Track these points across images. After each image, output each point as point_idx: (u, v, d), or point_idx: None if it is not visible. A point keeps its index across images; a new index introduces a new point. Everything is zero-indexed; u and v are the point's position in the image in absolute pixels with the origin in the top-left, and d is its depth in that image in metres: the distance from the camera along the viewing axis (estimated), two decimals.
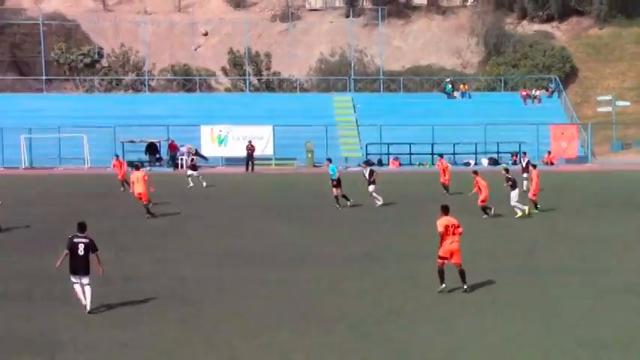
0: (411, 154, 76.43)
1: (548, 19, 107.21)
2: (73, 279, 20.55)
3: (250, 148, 72.09)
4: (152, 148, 75.51)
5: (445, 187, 48.87)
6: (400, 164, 75.78)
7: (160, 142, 76.17)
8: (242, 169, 70.64)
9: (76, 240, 20.55)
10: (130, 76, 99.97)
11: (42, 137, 74.43)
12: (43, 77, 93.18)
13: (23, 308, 21.22)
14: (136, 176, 39.93)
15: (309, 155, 74.79)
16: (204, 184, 53.43)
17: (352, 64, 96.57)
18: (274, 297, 22.41)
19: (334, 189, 42.29)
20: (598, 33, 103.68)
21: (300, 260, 27.83)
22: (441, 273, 22.33)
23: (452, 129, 77.68)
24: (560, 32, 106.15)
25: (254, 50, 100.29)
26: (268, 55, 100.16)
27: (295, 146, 75.26)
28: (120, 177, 52.06)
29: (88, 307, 20.51)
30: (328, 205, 41.83)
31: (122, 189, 50.65)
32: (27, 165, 73.07)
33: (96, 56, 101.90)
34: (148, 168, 72.77)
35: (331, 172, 42.79)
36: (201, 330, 19.01)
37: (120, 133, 75.80)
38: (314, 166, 73.60)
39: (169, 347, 17.70)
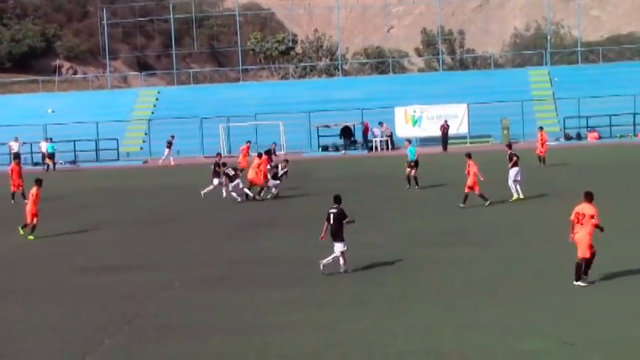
0: (611, 126, 73.76)
1: None
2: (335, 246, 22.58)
3: (445, 127, 71.74)
4: (347, 132, 75.94)
5: (541, 158, 49.48)
6: (599, 137, 73.25)
7: (354, 126, 76.52)
8: (438, 148, 70.22)
9: (330, 210, 22.70)
10: (324, 62, 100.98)
11: (239, 126, 76.20)
12: (240, 67, 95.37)
13: (227, 293, 21.53)
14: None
15: (505, 132, 73.37)
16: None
17: (548, 37, 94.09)
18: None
19: (408, 169, 41.54)
20: None
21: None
22: (578, 267, 20.07)
23: None
24: None
25: (447, 28, 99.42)
26: (462, 33, 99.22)
27: (491, 123, 74.04)
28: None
29: (342, 270, 22.58)
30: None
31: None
32: (226, 153, 74.93)
33: (290, 43, 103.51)
34: (343, 152, 73.58)
35: (409, 154, 41.96)
36: (399, 312, 18.77)
37: (314, 118, 76.65)
38: (510, 142, 72.08)
39: (367, 329, 17.48)
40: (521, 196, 35.73)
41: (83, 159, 75.44)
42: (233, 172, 40.15)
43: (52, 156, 70.46)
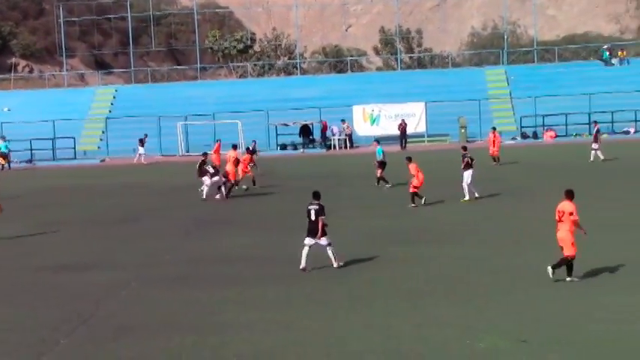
0: (567, 125, 74.44)
1: None
2: (306, 241, 22.64)
3: (403, 126, 72.07)
4: (305, 130, 75.99)
5: (495, 158, 50.35)
6: (555, 136, 73.91)
7: (312, 124, 76.59)
8: (396, 147, 70.35)
9: (309, 207, 22.81)
10: (282, 60, 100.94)
11: (197, 124, 75.98)
12: (198, 65, 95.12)
13: (184, 291, 21.46)
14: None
15: (462, 131, 73.80)
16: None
17: (505, 37, 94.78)
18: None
19: (378, 170, 41.68)
20: None
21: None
22: (563, 262, 20.22)
23: (610, 97, 75.34)
24: None
25: (405, 27, 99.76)
26: (419, 32, 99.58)
27: (448, 122, 74.43)
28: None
29: (335, 264, 22.75)
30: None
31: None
32: (184, 152, 74.65)
33: (248, 42, 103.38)
34: (302, 150, 73.60)
35: (378, 154, 42.07)
36: (358, 311, 18.81)
37: (273, 116, 76.63)
38: (467, 141, 72.56)
39: (325, 328, 17.48)
40: (477, 195, 35.96)
41: (39, 158, 74.81)
42: (213, 170, 40.12)
43: (5, 155, 69.76)
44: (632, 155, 52.93)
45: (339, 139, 74.42)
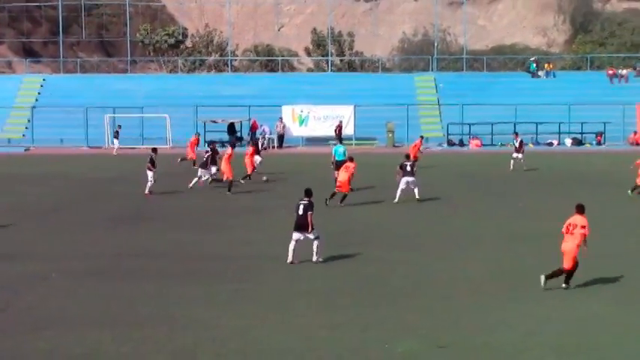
0: (492, 134, 75.47)
1: None
2: (294, 236, 23.54)
3: (339, 128, 72.70)
4: (231, 128, 75.88)
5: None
6: (481, 144, 74.89)
7: (240, 122, 76.50)
8: (324, 148, 70.65)
9: (299, 202, 23.84)
10: (214, 57, 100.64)
11: (125, 117, 75.39)
12: (128, 58, 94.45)
13: (105, 285, 21.43)
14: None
15: (390, 135, 74.46)
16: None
17: (435, 44, 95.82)
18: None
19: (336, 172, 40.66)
20: None
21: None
22: (556, 271, 20.71)
23: (535, 108, 76.41)
24: None
25: (337, 30, 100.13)
26: (351, 35, 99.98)
27: (376, 126, 74.93)
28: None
29: (314, 258, 23.57)
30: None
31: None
32: (110, 144, 74.03)
33: (180, 37, 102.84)
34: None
35: (335, 154, 41.41)
36: (277, 310, 18.98)
37: (202, 113, 76.38)
38: (394, 146, 73.30)
39: (244, 327, 17.59)
40: (396, 201, 36.50)
41: None
42: (150, 163, 39.97)
43: None
44: (553, 166, 53.89)
45: (268, 139, 74.46)
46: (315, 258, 23.63)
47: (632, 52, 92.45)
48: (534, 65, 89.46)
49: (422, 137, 55.88)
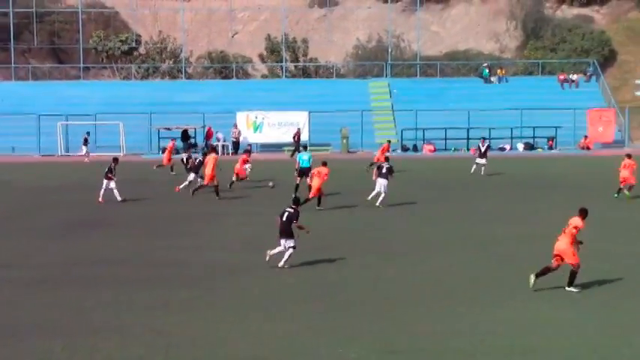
0: (446, 139, 76.02)
1: (588, 3, 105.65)
2: (279, 240, 23.80)
3: (297, 134, 72.96)
4: (185, 135, 75.68)
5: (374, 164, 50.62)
6: (435, 149, 75.37)
7: (195, 129, 76.36)
8: (279, 155, 70.93)
9: (285, 209, 24.01)
10: (167, 64, 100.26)
11: (78, 124, 74.94)
12: (81, 65, 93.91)
13: (55, 294, 21.26)
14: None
15: (344, 141, 74.79)
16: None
17: (389, 50, 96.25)
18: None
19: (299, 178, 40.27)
20: (638, 16, 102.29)
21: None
22: (544, 269, 20.86)
23: (488, 114, 77.16)
24: (600, 16, 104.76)
25: (291, 36, 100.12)
26: (305, 42, 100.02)
27: (331, 132, 75.20)
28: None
29: (280, 264, 23.61)
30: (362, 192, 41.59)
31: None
32: (63, 152, 73.57)
33: (133, 44, 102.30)
34: (183, 155, 73.17)
35: (300, 161, 40.86)
36: (229, 317, 18.98)
37: (156, 120, 76.16)
38: (349, 151, 73.62)
39: (196, 334, 17.59)
40: (368, 198, 37.05)
41: None
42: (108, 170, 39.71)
43: None
44: (510, 171, 54.34)
45: (222, 146, 74.40)
46: (281, 263, 23.70)
47: (583, 57, 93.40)
48: (487, 71, 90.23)
49: (389, 141, 56.31)
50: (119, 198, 39.03)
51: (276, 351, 16.47)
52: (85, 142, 70.23)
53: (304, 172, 39.56)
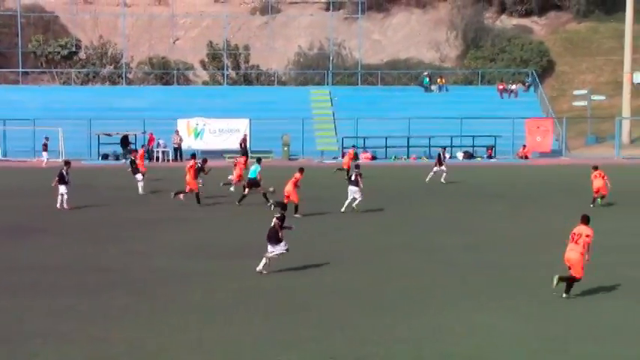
0: (386, 147, 76.50)
1: (527, 14, 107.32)
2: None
3: (244, 141, 73.06)
4: (124, 141, 75.29)
5: (345, 170, 52.38)
6: (373, 158, 75.64)
7: (135, 135, 75.96)
8: (219, 162, 70.55)
9: (274, 214, 24.54)
10: (108, 69, 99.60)
11: (17, 129, 74.15)
12: (20, 69, 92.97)
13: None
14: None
15: (285, 148, 74.95)
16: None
17: (331, 58, 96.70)
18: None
19: (248, 189, 40.34)
20: (576, 28, 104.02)
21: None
22: (567, 277, 21.03)
23: (428, 122, 77.84)
24: (539, 26, 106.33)
25: (233, 43, 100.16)
26: (247, 48, 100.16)
27: (272, 139, 75.26)
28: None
29: (259, 267, 23.78)
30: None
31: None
32: (1, 157, 72.76)
33: (73, 48, 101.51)
34: (124, 161, 72.78)
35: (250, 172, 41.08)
36: (169, 324, 18.95)
37: (96, 125, 75.62)
38: (289, 159, 73.75)
39: (136, 341, 17.53)
40: (355, 209, 37.40)
41: None
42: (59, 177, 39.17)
43: None
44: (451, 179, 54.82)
45: (163, 152, 74.15)
46: (259, 267, 23.83)
47: (522, 67, 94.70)
48: (427, 80, 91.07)
49: (354, 147, 57.18)
50: (66, 205, 38.66)
51: (216, 357, 16.49)
52: (45, 147, 70.30)
53: (252, 184, 40.01)
